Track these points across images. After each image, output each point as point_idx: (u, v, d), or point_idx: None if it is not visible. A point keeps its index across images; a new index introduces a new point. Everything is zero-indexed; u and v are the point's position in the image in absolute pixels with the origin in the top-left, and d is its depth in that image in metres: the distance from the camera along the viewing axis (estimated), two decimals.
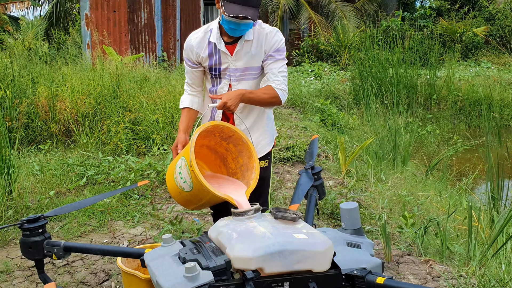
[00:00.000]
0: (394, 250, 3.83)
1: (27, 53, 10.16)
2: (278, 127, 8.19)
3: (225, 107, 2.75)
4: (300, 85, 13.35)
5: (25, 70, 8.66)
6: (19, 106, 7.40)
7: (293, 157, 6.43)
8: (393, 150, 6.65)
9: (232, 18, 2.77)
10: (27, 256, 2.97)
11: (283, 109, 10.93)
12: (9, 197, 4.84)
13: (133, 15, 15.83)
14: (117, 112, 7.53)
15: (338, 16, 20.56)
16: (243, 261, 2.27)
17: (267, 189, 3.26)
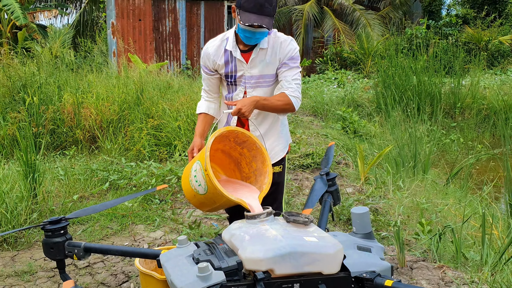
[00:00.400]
0: (409, 256, 3.86)
1: (54, 61, 10.39)
2: (299, 134, 8.26)
3: (239, 113, 2.83)
4: (323, 92, 13.40)
5: (51, 78, 8.87)
6: (46, 112, 7.59)
7: (312, 164, 6.48)
8: (413, 158, 6.65)
9: (247, 27, 2.85)
10: (49, 256, 3.07)
11: (305, 116, 11.00)
12: (34, 200, 4.99)
13: (158, 23, 16.09)
14: (140, 119, 7.68)
15: (363, 24, 20.55)
16: (254, 262, 2.34)
17: (281, 194, 3.32)
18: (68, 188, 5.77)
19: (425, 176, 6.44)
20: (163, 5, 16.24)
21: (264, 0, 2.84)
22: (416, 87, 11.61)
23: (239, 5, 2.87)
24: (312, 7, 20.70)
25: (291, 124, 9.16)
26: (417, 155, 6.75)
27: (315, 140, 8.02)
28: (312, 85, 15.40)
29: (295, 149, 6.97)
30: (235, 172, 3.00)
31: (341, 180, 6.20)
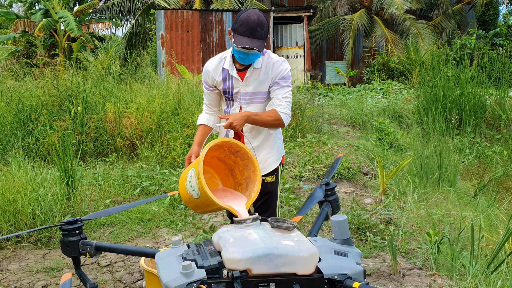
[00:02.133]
0: (408, 264, 4.03)
1: (103, 71, 10.97)
2: (330, 145, 8.44)
3: (231, 127, 3.12)
4: (364, 103, 13.50)
5: (98, 88, 9.40)
6: (89, 121, 8.08)
7: (336, 174, 6.67)
8: (437, 170, 6.74)
9: (241, 49, 3.14)
10: (65, 253, 3.42)
11: (342, 127, 11.15)
12: (68, 203, 5.41)
13: (205, 35, 16.59)
14: (176, 128, 8.06)
15: (413, 33, 20.43)
16: (233, 262, 2.61)
17: (275, 202, 3.57)
18: (103, 193, 6.18)
19: (447, 189, 6.51)
20: (211, 17, 16.73)
21: (256, 25, 3.12)
22: (459, 98, 11.55)
23: (234, 28, 3.16)
24: (361, 17, 20.74)
25: (325, 134, 9.35)
26: (443, 167, 6.81)
27: (346, 151, 8.19)
28: (356, 96, 15.51)
29: (321, 159, 7.16)
30: (229, 177, 3.28)
31: (363, 190, 6.37)
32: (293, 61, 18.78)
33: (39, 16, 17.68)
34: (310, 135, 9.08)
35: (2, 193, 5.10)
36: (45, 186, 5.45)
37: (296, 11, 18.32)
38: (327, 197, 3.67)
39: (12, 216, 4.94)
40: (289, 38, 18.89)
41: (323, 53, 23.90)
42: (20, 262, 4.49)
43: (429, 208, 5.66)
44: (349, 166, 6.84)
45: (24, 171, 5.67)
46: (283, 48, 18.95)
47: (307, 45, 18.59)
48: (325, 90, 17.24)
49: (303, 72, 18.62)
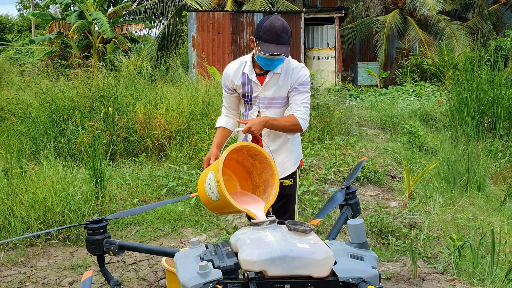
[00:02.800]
0: (429, 268, 4.02)
1: (134, 73, 11.16)
2: (358, 147, 8.42)
3: (249, 131, 3.17)
4: (395, 105, 13.41)
5: (129, 89, 9.57)
6: (120, 122, 8.24)
7: (362, 177, 6.66)
8: (465, 174, 6.67)
9: (268, 56, 3.19)
10: (90, 251, 3.53)
11: (372, 129, 11.10)
12: (97, 202, 5.55)
13: (236, 36, 16.69)
14: (204, 129, 8.16)
15: (447, 35, 20.17)
16: (249, 263, 2.67)
17: (293, 205, 3.60)
18: (131, 192, 6.31)
19: (476, 193, 6.44)
20: (242, 19, 16.83)
21: (281, 31, 3.17)
22: (492, 100, 11.38)
23: (258, 36, 3.21)
24: (395, 18, 20.57)
25: (354, 137, 9.32)
26: (471, 171, 6.74)
27: (374, 154, 8.17)
28: (388, 97, 15.40)
29: (348, 161, 7.17)
30: (247, 179, 3.34)
31: (389, 194, 6.36)
32: (324, 63, 18.74)
33: (74, 18, 18.06)
34: (338, 137, 9.08)
35: (33, 191, 5.26)
36: (74, 185, 5.60)
37: (327, 12, 18.27)
38: (347, 201, 3.70)
39: (42, 214, 5.09)
40: (320, 39, 18.85)
41: (355, 54, 23.80)
42: (48, 259, 4.63)
43: (455, 213, 5.62)
44: (375, 169, 6.82)
45: (55, 170, 5.82)
46: (314, 49, 18.93)
47: (339, 46, 18.52)
48: (356, 91, 17.16)
49: (334, 74, 18.57)
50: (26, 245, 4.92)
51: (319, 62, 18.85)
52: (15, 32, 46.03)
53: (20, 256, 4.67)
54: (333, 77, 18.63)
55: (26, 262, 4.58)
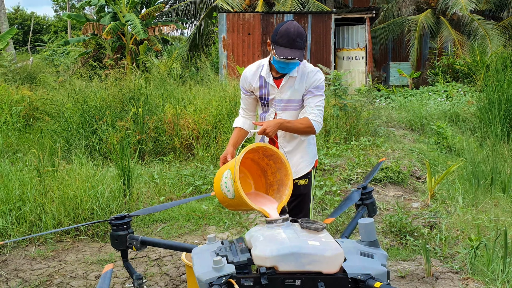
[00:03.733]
0: (444, 268, 4.08)
1: (165, 74, 11.38)
2: (384, 148, 8.46)
3: (264, 133, 3.30)
4: (425, 105, 13.36)
5: (159, 90, 9.79)
6: (149, 122, 8.46)
7: (385, 178, 6.71)
8: (490, 175, 6.65)
9: (282, 59, 3.31)
10: (114, 246, 3.72)
11: (400, 130, 11.09)
12: (124, 199, 5.75)
13: (266, 37, 16.82)
14: (231, 130, 8.30)
15: (481, 34, 19.90)
16: (261, 259, 2.80)
17: (308, 204, 3.71)
18: (158, 190, 6.49)
19: (500, 194, 6.42)
20: (272, 19, 16.96)
21: (296, 36, 3.29)
22: None
23: (274, 40, 3.33)
24: (427, 17, 20.37)
25: (381, 137, 9.35)
26: (496, 173, 6.72)
27: (399, 155, 8.19)
28: (418, 98, 15.33)
29: (372, 162, 7.22)
30: (261, 178, 3.46)
31: (412, 194, 6.39)
32: (354, 63, 18.74)
33: (107, 19, 18.44)
34: (365, 138, 9.12)
35: (63, 189, 5.48)
36: (103, 183, 5.81)
37: (358, 13, 18.26)
38: (363, 201, 3.80)
39: (71, 211, 5.31)
40: (351, 40, 18.85)
41: (388, 54, 23.63)
42: (77, 254, 4.83)
43: (477, 214, 5.63)
44: (399, 170, 6.86)
45: (85, 169, 6.05)
46: (344, 49, 18.94)
47: (369, 47, 18.49)
48: (387, 92, 17.11)
49: (365, 74, 18.54)
50: (56, 241, 5.14)
51: (349, 62, 18.85)
52: (51, 33, 47.15)
53: (50, 251, 4.89)
54: (363, 77, 18.61)
55: (55, 256, 4.79)
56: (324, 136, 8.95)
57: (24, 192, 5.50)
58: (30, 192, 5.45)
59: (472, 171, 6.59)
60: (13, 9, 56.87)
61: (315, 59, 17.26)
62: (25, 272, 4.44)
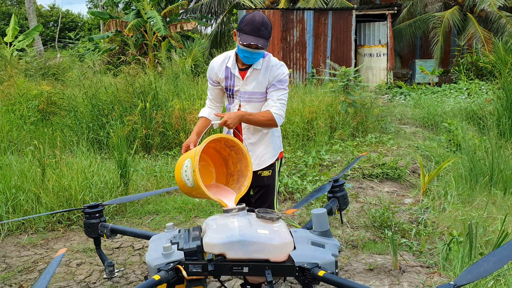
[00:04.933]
0: (416, 262, 4.10)
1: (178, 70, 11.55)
2: (389, 145, 8.43)
3: (225, 124, 3.38)
4: (445, 103, 13.22)
5: (170, 86, 9.95)
6: (156, 117, 8.61)
7: (381, 174, 6.70)
8: (488, 173, 6.59)
9: (245, 47, 3.38)
10: (87, 234, 3.85)
11: (413, 127, 11.01)
12: (118, 191, 5.91)
13: (285, 33, 16.86)
14: None
15: (508, 31, 19.56)
16: (210, 246, 2.89)
17: (272, 195, 3.76)
18: (157, 183, 6.63)
19: (497, 192, 6.35)
20: (292, 16, 16.98)
21: (260, 24, 3.36)
22: None
23: (240, 28, 3.41)
24: (453, 14, 20.10)
25: (389, 134, 9.32)
26: (495, 170, 6.64)
27: (404, 152, 8.16)
28: (439, 95, 15.17)
29: (373, 159, 7.21)
30: (222, 166, 3.55)
31: (406, 191, 6.38)
32: (375, 60, 18.63)
33: (131, 17, 18.70)
34: (372, 134, 9.10)
35: (59, 180, 5.65)
36: (99, 175, 5.97)
37: (379, 9, 18.15)
38: (334, 193, 3.85)
39: (65, 202, 5.48)
40: (372, 36, 18.74)
41: (416, 51, 23.39)
42: (65, 242, 4.99)
43: (470, 211, 5.59)
44: (396, 166, 6.84)
45: (81, 161, 6.22)
46: (366, 46, 18.84)
47: (391, 44, 18.35)
48: (408, 89, 16.95)
49: (386, 71, 18.42)
50: (48, 230, 5.31)
51: (370, 59, 18.75)
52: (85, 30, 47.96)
53: (40, 239, 5.06)
54: (384, 74, 18.48)
55: (44, 244, 4.96)
56: (330, 132, 8.97)
57: (23, 182, 5.70)
58: (27, 183, 5.65)
59: (470, 168, 6.53)
60: (49, 7, 58.08)
61: (335, 56, 17.23)
62: (12, 259, 4.61)
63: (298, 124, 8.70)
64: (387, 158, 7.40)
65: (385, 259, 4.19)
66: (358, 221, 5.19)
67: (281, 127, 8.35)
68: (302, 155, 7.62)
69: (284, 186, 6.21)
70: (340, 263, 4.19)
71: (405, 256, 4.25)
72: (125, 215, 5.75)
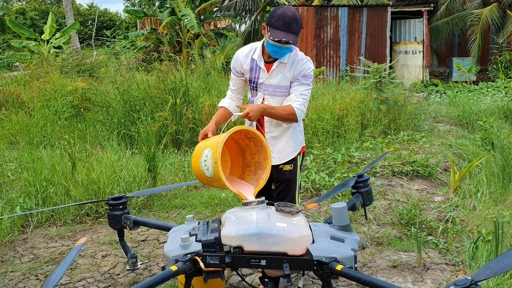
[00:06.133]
0: (441, 259, 4.01)
1: (209, 67, 11.59)
2: (422, 142, 8.30)
3: (247, 117, 3.36)
4: (481, 101, 12.96)
5: (201, 82, 9.99)
6: (187, 112, 8.65)
7: (411, 172, 6.59)
8: None
9: (276, 42, 3.35)
10: (111, 226, 3.90)
11: (447, 126, 10.81)
12: (146, 184, 5.97)
13: (319, 31, 16.76)
14: None
15: None
16: (227, 238, 2.89)
17: (294, 189, 3.72)
18: (185, 178, 6.67)
19: None
20: (326, 13, 16.87)
21: (292, 20, 3.32)
22: None
23: (270, 23, 3.37)
24: (492, 11, 19.63)
25: (422, 132, 9.17)
26: None
27: (436, 149, 8.02)
28: (475, 94, 14.88)
29: (403, 156, 7.10)
30: (239, 156, 3.54)
31: (437, 189, 6.26)
32: (411, 57, 18.36)
33: (166, 14, 18.88)
34: (404, 132, 8.97)
35: (88, 173, 5.74)
36: (128, 169, 6.04)
37: (415, 6, 17.87)
38: (358, 189, 3.80)
39: (93, 194, 5.55)
40: (408, 33, 18.47)
41: (454, 49, 22.94)
42: (92, 234, 5.06)
43: (502, 210, 5.46)
44: (426, 164, 6.72)
45: (110, 155, 6.30)
46: (401, 43, 18.58)
47: (427, 41, 18.05)
48: (444, 87, 16.65)
49: (422, 69, 18.13)
50: (77, 222, 5.39)
51: (406, 56, 18.49)
52: (123, 29, 48.63)
53: (68, 231, 5.14)
54: (420, 72, 18.20)
55: (72, 236, 5.03)
56: (360, 129, 8.88)
57: (53, 176, 5.80)
58: (57, 176, 5.75)
59: (502, 166, 6.37)
60: (88, 6, 59.14)
61: (370, 53, 17.05)
62: (40, 250, 4.70)
63: (328, 121, 8.62)
64: (418, 156, 7.28)
65: (409, 256, 4.11)
66: (385, 218, 5.11)
67: (311, 123, 8.36)
68: (332, 152, 7.55)
69: (311, 183, 6.17)
70: (364, 260, 4.13)
71: (431, 253, 4.17)
72: (152, 208, 5.79)
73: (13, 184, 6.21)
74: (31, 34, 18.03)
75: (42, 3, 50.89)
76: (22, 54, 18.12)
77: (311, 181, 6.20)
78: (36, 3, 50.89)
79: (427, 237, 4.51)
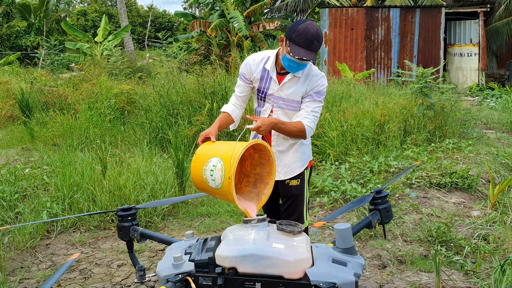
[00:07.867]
0: (465, 283, 3.75)
1: None
2: (467, 152, 7.90)
3: (257, 130, 3.20)
4: None
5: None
6: None
7: (450, 183, 6.26)
8: None
9: (296, 59, 3.19)
10: (120, 237, 3.83)
11: (499, 133, 10.31)
12: (179, 189, 5.94)
13: (370, 32, 16.39)
14: None
15: None
16: (221, 258, 2.76)
17: (301, 206, 3.55)
18: None
19: None
20: (376, 14, 16.47)
21: (314, 37, 3.14)
22: None
23: (290, 37, 3.18)
24: None
25: (471, 139, 8.74)
26: None
27: (481, 159, 7.61)
28: None
29: (445, 166, 6.76)
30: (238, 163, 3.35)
31: (475, 202, 5.91)
32: (466, 60, 17.69)
33: (215, 17, 18.94)
34: (450, 140, 8.58)
35: (115, 178, 5.73)
36: (156, 175, 6.01)
37: (471, 7, 17.21)
38: (376, 206, 3.59)
39: (118, 201, 5.53)
40: (463, 35, 17.81)
41: None
42: (113, 242, 5.04)
43: None
44: (466, 176, 6.37)
45: (138, 161, 6.28)
46: (456, 45, 17.94)
47: (483, 43, 17.35)
48: (500, 91, 15.96)
49: (477, 72, 17.45)
50: (101, 229, 5.38)
51: (461, 59, 17.84)
52: (180, 30, 49.25)
53: (90, 238, 5.13)
54: (475, 75, 17.52)
55: (93, 243, 5.03)
56: (403, 136, 8.55)
57: (84, 180, 5.82)
58: (84, 181, 5.77)
59: None
60: (147, 7, 60.20)
61: (423, 56, 16.56)
62: (59, 257, 4.71)
63: (368, 127, 8.34)
64: (460, 166, 6.92)
65: (430, 278, 3.86)
66: (413, 234, 4.85)
67: (350, 130, 8.11)
68: (369, 160, 7.28)
69: (341, 194, 5.96)
70: (381, 280, 3.91)
71: (454, 275, 3.91)
72: (177, 216, 5.74)
73: (47, 187, 6.28)
74: (85, 36, 18.43)
75: (102, 5, 52.17)
76: (76, 56, 18.56)
77: (342, 191, 5.99)
78: (97, 5, 52.23)
79: (454, 257, 4.23)
